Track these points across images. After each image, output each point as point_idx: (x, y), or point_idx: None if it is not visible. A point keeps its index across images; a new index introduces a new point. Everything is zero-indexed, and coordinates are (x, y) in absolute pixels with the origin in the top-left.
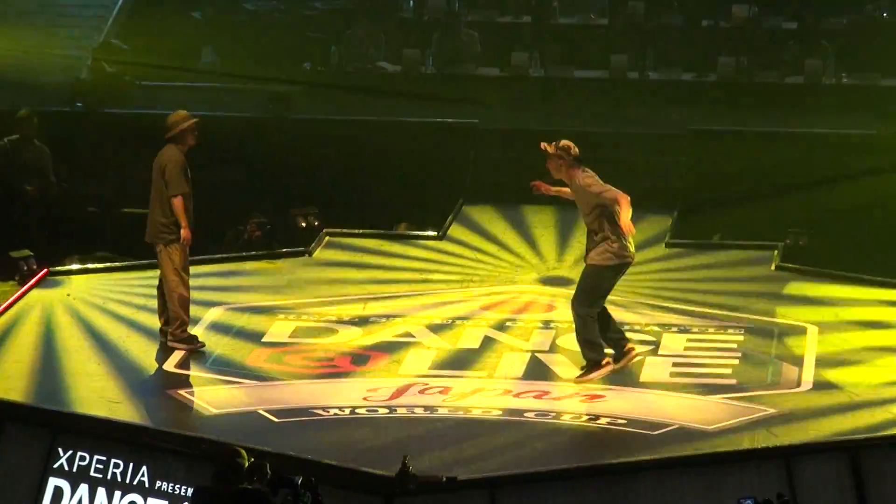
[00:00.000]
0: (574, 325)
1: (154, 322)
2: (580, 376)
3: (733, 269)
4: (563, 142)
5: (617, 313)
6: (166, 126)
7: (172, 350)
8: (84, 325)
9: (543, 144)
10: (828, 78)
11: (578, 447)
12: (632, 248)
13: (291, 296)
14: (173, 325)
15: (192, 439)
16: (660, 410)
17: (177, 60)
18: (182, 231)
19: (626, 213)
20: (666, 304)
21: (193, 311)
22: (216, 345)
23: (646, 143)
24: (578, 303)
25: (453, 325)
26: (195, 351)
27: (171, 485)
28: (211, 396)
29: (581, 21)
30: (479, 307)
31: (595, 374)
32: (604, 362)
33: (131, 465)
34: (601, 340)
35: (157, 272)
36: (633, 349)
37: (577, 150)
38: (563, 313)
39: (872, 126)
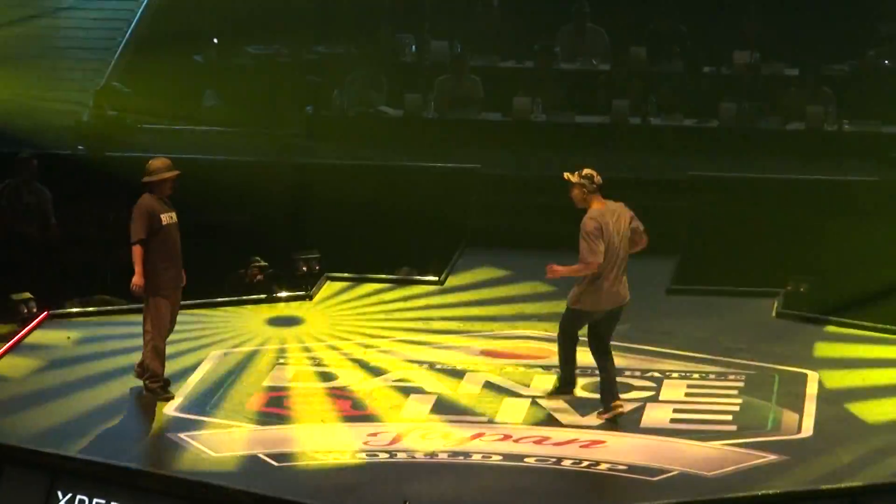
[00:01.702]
0: None
1: None
2: (549, 393)
3: (734, 315)
4: (586, 170)
5: (617, 359)
6: (146, 170)
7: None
8: (84, 367)
9: (567, 174)
10: (829, 125)
11: (579, 492)
12: (605, 301)
13: (292, 340)
14: (146, 376)
15: (192, 483)
16: (660, 456)
17: (178, 104)
18: (134, 278)
19: (564, 270)
20: (667, 350)
21: (194, 353)
22: (216, 388)
23: (647, 188)
24: (559, 326)
25: (454, 370)
26: (167, 399)
27: None
28: (211, 440)
29: (583, 66)
30: (480, 352)
31: (556, 395)
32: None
33: None
34: (572, 369)
35: None
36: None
37: (599, 178)
38: None
39: (874, 173)
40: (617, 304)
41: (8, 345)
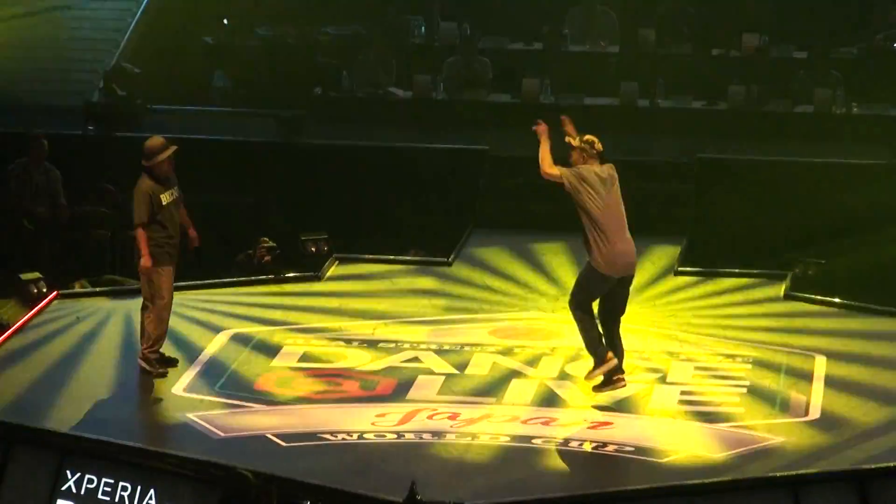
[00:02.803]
0: None
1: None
2: (588, 374)
3: (742, 297)
4: (588, 136)
5: (625, 340)
6: (143, 152)
7: (181, 373)
8: (92, 347)
9: (568, 138)
10: (838, 107)
11: (586, 474)
12: (621, 264)
13: (300, 320)
14: (149, 344)
15: (200, 463)
16: (667, 438)
17: (187, 84)
18: (141, 259)
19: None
20: (674, 333)
21: (202, 334)
22: (225, 368)
23: (655, 170)
24: (570, 299)
25: (462, 351)
26: (163, 375)
27: None
28: (219, 420)
29: (592, 48)
30: (488, 333)
31: (598, 371)
32: (607, 357)
33: (139, 488)
34: (599, 337)
35: None
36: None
37: (601, 145)
38: (572, 340)
39: (882, 156)
40: (627, 272)
41: (17, 324)
